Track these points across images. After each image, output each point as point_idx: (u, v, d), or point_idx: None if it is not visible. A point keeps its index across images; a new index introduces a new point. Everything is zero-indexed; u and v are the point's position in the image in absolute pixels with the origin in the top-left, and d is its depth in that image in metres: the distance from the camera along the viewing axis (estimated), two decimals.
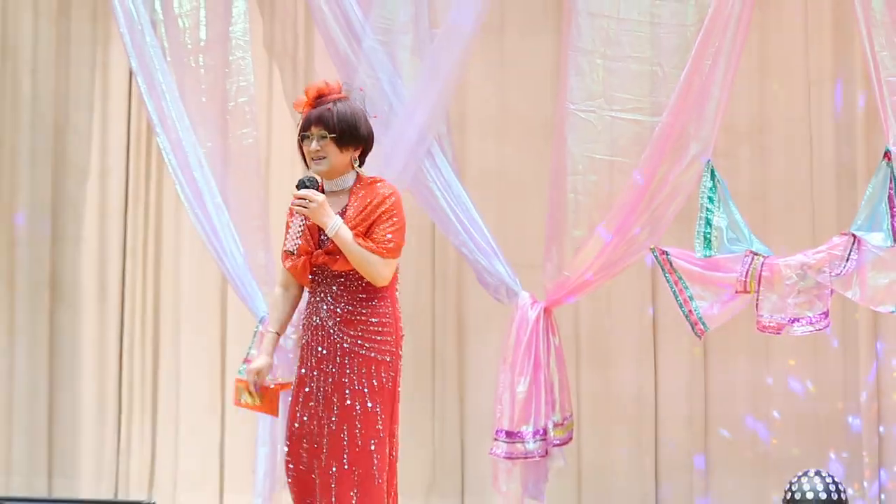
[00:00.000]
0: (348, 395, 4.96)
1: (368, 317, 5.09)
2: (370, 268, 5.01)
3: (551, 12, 8.59)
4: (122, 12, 9.06)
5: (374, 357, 5.05)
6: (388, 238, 5.05)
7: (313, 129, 5.14)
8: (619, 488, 8.46)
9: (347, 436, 4.92)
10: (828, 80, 8.13)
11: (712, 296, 7.39)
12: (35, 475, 10.19)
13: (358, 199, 5.16)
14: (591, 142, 7.70)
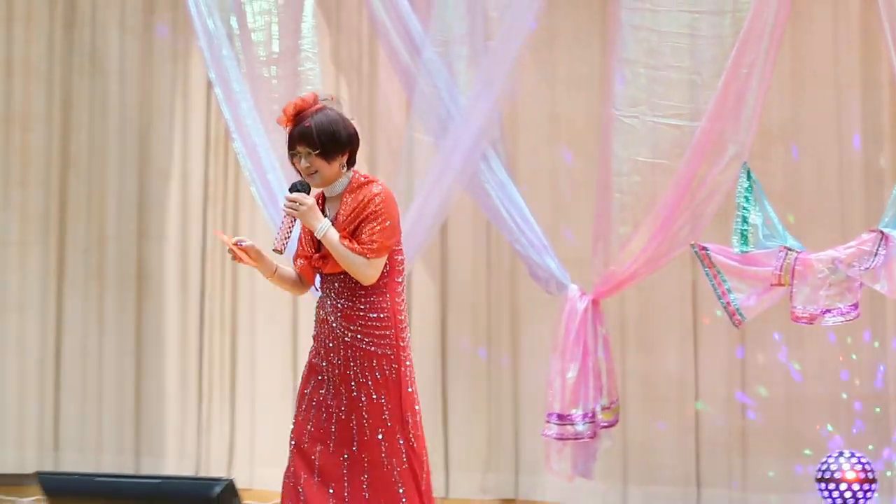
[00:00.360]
0: (354, 387, 4.91)
1: (367, 312, 4.98)
2: (355, 268, 4.90)
3: (597, 25, 8.60)
4: (201, 28, 9.18)
5: (374, 351, 4.94)
6: (372, 239, 4.90)
7: (299, 147, 4.96)
8: (662, 466, 8.47)
9: (356, 425, 4.87)
10: (856, 86, 8.10)
11: (749, 288, 7.41)
12: (123, 453, 10.36)
13: (350, 200, 5.04)
14: (635, 145, 7.72)
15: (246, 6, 9.16)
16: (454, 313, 9.38)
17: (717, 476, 8.36)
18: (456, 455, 9.27)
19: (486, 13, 8.25)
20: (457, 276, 9.38)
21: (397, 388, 4.96)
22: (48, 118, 10.58)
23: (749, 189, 7.43)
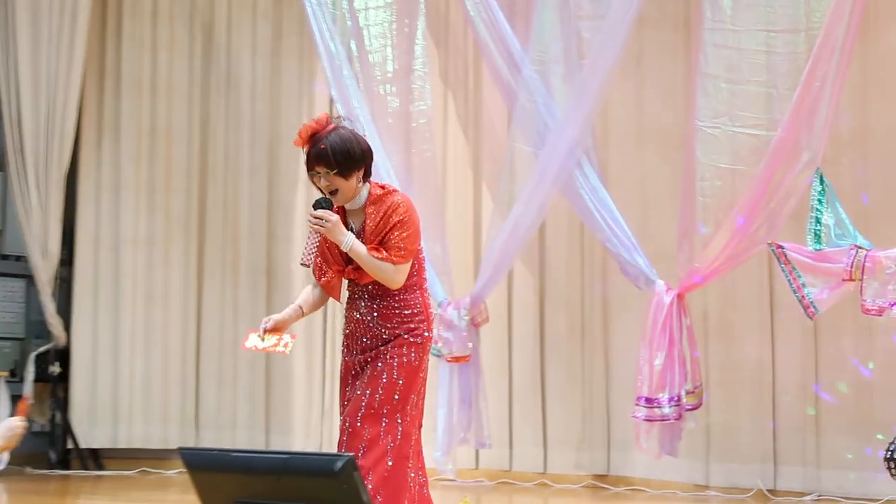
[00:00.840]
0: (380, 366, 4.76)
1: (402, 309, 4.83)
2: (384, 275, 4.73)
3: (681, 43, 8.59)
4: (324, 51, 9.33)
5: (407, 339, 4.80)
6: (400, 246, 4.73)
7: (317, 167, 4.74)
8: (742, 445, 8.42)
9: (367, 399, 4.71)
10: None
11: (822, 283, 7.36)
12: (255, 431, 10.52)
13: (374, 212, 4.82)
14: (716, 153, 7.73)
15: (364, 31, 9.30)
16: (551, 306, 9.41)
17: (792, 454, 8.30)
18: (553, 434, 9.30)
19: (580, 34, 8.30)
20: (553, 272, 9.42)
21: (415, 372, 4.83)
22: (188, 132, 10.77)
23: (822, 192, 7.39)
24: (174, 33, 10.74)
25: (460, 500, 3.81)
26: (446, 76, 9.71)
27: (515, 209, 8.47)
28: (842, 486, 8.03)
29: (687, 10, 8.44)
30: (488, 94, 9.33)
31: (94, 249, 10.51)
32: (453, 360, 8.66)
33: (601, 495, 8.51)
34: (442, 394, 8.68)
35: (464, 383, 8.67)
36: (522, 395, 9.43)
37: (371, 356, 4.80)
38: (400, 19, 9.19)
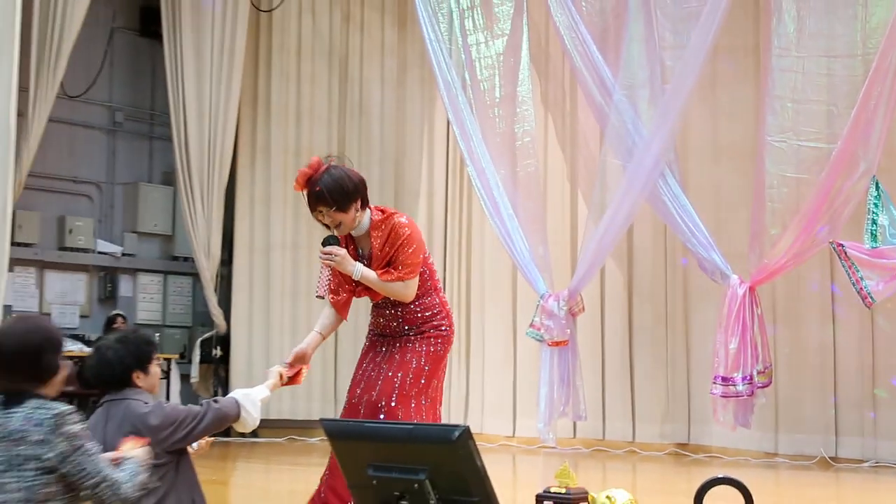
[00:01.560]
0: (409, 354, 4.56)
1: (423, 312, 4.62)
2: (395, 293, 4.53)
3: (751, 69, 8.54)
4: (441, 80, 9.45)
5: (432, 332, 4.62)
6: (406, 263, 4.49)
7: (319, 208, 4.49)
8: (807, 418, 8.35)
9: (399, 382, 4.51)
10: None
11: (878, 276, 7.30)
12: None
13: (378, 235, 4.58)
14: (783, 164, 7.69)
15: (476, 63, 9.40)
16: (638, 298, 9.42)
17: (851, 426, 8.21)
18: (641, 409, 9.31)
19: (663, 62, 8.28)
20: (640, 268, 9.43)
21: (440, 361, 4.66)
22: (327, 152, 10.72)
23: (878, 197, 7.33)
24: (315, 68, 10.94)
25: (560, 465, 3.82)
26: (546, 100, 9.75)
27: (607, 215, 8.51)
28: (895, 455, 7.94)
29: (756, 40, 8.40)
30: (583, 115, 9.34)
31: (249, 252, 10.74)
32: (553, 344, 8.71)
33: (683, 461, 8.49)
34: (544, 373, 8.75)
35: (562, 364, 8.70)
36: (613, 374, 9.45)
37: (400, 341, 4.64)
38: (506, 53, 9.27)
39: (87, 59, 9.89)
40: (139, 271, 11.10)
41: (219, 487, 6.73)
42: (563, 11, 8.75)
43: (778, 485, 6.96)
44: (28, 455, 3.00)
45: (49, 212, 10.48)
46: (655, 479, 7.26)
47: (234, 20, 10.32)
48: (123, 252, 10.98)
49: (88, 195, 10.90)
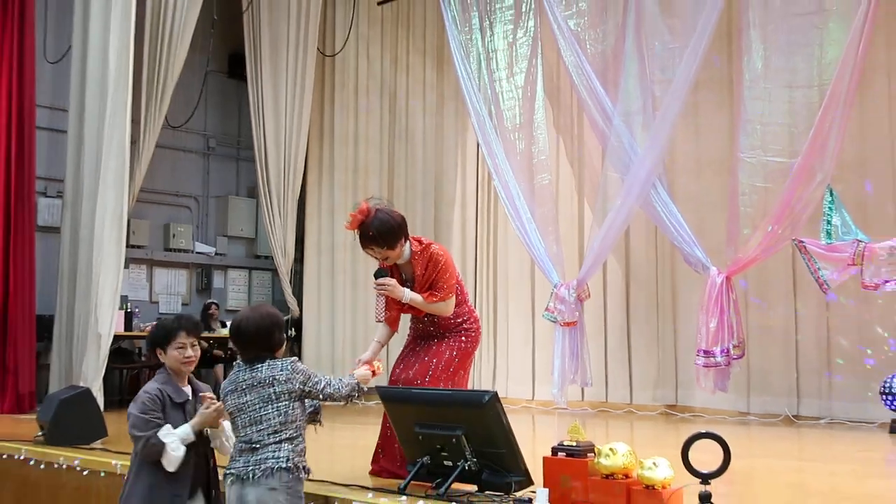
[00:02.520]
0: (444, 347, 4.59)
1: (454, 319, 4.63)
2: (438, 310, 4.56)
3: (726, 97, 8.44)
4: (472, 110, 9.47)
5: (463, 333, 4.64)
6: (444, 287, 4.51)
7: (371, 247, 4.47)
8: (773, 383, 8.29)
9: (433, 367, 4.54)
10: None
11: (832, 267, 7.24)
12: None
13: (419, 263, 4.57)
14: (753, 175, 7.63)
15: (499, 95, 9.41)
16: (634, 286, 9.39)
17: (811, 390, 8.15)
18: (636, 377, 9.28)
19: (654, 93, 8.23)
20: (636, 262, 9.40)
21: (468, 355, 4.68)
22: (379, 169, 11.00)
23: (832, 202, 7.27)
24: (369, 101, 11.01)
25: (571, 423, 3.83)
26: (558, 126, 9.71)
27: (608, 218, 8.46)
28: (847, 413, 7.88)
29: (730, 74, 8.33)
30: (588, 137, 9.32)
31: (317, 251, 10.83)
32: (565, 324, 8.70)
33: (671, 420, 8.45)
34: (557, 349, 8.74)
35: (572, 341, 8.69)
36: (614, 349, 9.43)
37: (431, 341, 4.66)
38: (524, 87, 9.25)
39: (186, 97, 9.99)
40: (229, 268, 11.22)
41: None
42: (571, 52, 8.74)
43: (750, 439, 6.91)
44: (280, 391, 3.54)
45: (156, 220, 10.61)
46: (649, 435, 7.23)
47: (304, 63, 10.38)
48: (216, 252, 11.09)
49: (188, 206, 11.01)
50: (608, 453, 3.56)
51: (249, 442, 3.52)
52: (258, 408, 3.54)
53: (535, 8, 9.15)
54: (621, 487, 3.49)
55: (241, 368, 3.63)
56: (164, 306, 10.58)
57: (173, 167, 10.70)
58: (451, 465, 3.97)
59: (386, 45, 11.06)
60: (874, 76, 7.69)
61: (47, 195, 9.41)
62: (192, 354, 3.72)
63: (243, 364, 3.62)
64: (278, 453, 3.50)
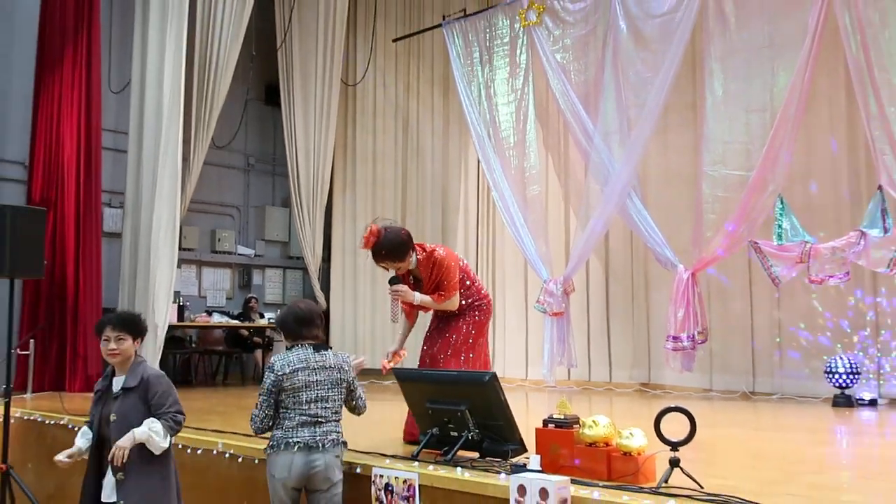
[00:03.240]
0: (461, 323, 4.58)
1: (468, 300, 4.62)
2: (446, 306, 4.54)
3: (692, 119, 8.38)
4: (473, 131, 9.52)
5: (475, 309, 4.62)
6: (448, 286, 4.49)
7: (382, 262, 4.49)
8: (732, 364, 8.29)
9: (454, 342, 4.55)
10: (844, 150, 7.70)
11: (783, 264, 7.25)
12: None
13: (425, 267, 4.54)
14: (715, 187, 7.63)
15: (497, 118, 9.40)
16: (613, 281, 9.37)
17: (764, 370, 8.15)
18: (615, 359, 9.28)
19: (629, 116, 8.23)
20: (614, 261, 9.38)
21: (482, 326, 4.67)
22: (394, 182, 11.01)
23: (782, 209, 7.28)
24: (385, 124, 11.03)
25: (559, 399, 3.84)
26: (547, 144, 9.69)
27: (590, 223, 8.48)
28: (796, 390, 7.88)
29: (694, 99, 8.30)
30: (573, 154, 9.32)
31: (342, 252, 10.84)
32: (553, 314, 8.71)
33: (645, 396, 8.44)
34: (546, 335, 8.77)
35: (559, 328, 8.71)
36: (596, 335, 9.42)
37: (449, 319, 4.63)
38: (518, 111, 9.25)
39: (229, 121, 10.01)
40: (266, 267, 11.23)
41: None
42: (558, 81, 8.76)
43: (713, 412, 6.91)
44: (342, 378, 3.72)
45: (204, 226, 10.62)
46: (626, 409, 7.23)
47: (330, 92, 10.40)
48: (255, 254, 11.11)
49: (231, 215, 11.03)
50: (591, 425, 3.56)
51: (315, 416, 3.63)
52: (327, 388, 3.66)
53: (527, 44, 9.15)
54: (602, 454, 3.50)
55: (304, 350, 3.68)
56: (210, 300, 10.59)
57: (218, 181, 10.71)
58: (456, 435, 3.98)
59: (399, 76, 11.07)
60: (817, 100, 7.68)
61: (111, 206, 9.44)
62: (115, 347, 3.53)
63: (307, 346, 3.69)
64: (338, 429, 3.71)
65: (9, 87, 8.84)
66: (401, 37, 10.85)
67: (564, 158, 9.60)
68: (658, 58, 7.88)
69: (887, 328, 7.50)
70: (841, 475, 3.97)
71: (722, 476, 3.59)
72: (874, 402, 7.19)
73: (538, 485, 3.09)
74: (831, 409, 7.01)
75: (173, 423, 3.56)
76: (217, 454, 4.65)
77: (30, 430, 6.20)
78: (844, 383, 7.16)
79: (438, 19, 10.25)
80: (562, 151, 9.63)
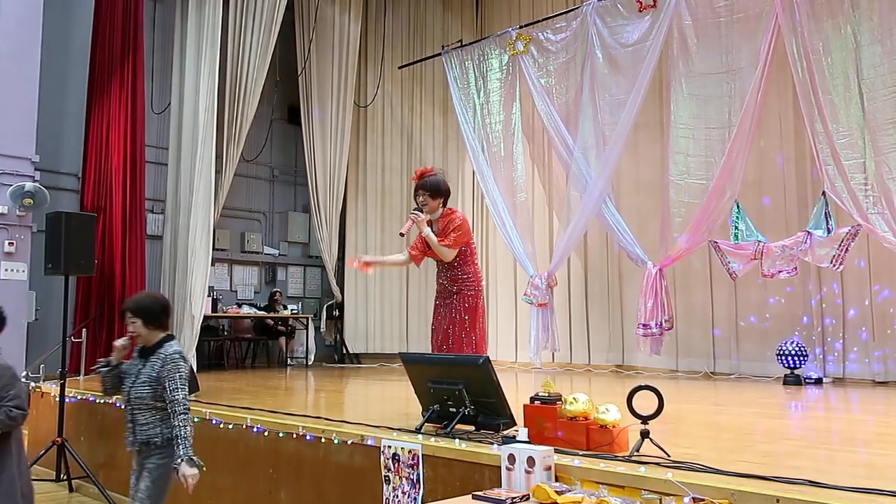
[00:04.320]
0: (455, 313, 4.55)
1: (463, 276, 4.58)
2: (440, 253, 4.51)
3: (659, 135, 8.38)
4: (469, 146, 9.47)
5: (467, 293, 4.56)
6: (453, 238, 4.50)
7: (420, 192, 4.58)
8: (695, 348, 8.30)
9: (453, 331, 4.54)
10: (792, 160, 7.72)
11: (739, 261, 7.22)
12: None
13: (444, 219, 4.61)
14: (681, 194, 7.58)
15: (489, 135, 9.36)
16: (591, 276, 9.36)
17: (723, 353, 8.13)
18: (593, 344, 9.26)
19: (604, 133, 8.20)
20: (592, 258, 9.37)
21: (475, 309, 4.58)
22: (401, 192, 10.92)
23: (738, 212, 7.25)
24: (392, 139, 11.01)
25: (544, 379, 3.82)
26: (533, 157, 9.65)
27: (570, 226, 8.44)
28: (751, 370, 7.87)
29: (661, 117, 8.29)
30: (555, 166, 9.26)
31: (355, 252, 10.74)
32: (539, 305, 8.68)
33: (620, 376, 8.42)
34: (532, 323, 8.72)
35: (544, 317, 8.67)
36: (576, 323, 9.41)
37: (448, 302, 4.61)
38: (506, 128, 9.21)
39: (257, 137, 9.99)
40: (289, 265, 11.18)
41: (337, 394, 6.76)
42: (543, 102, 8.74)
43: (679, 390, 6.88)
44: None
45: (235, 230, 10.59)
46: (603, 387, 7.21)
47: (344, 112, 10.38)
48: (279, 254, 11.06)
49: (258, 220, 10.99)
50: (572, 401, 3.54)
51: None
52: None
53: (516, 70, 9.12)
54: (582, 427, 3.48)
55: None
56: (241, 294, 10.56)
57: (247, 190, 10.68)
58: (454, 411, 3.95)
59: (405, 99, 11.04)
60: (769, 117, 7.68)
61: (153, 212, 9.41)
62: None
63: None
64: None
65: (65, 108, 8.83)
66: (406, 64, 10.82)
67: (548, 169, 9.58)
68: (629, 81, 7.86)
69: (830, 316, 7.49)
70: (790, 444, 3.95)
71: (686, 446, 3.57)
72: (819, 380, 7.18)
73: (526, 454, 3.08)
74: (782, 387, 6.99)
75: (6, 416, 3.35)
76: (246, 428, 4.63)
77: (82, 408, 6.17)
78: (794, 364, 7.14)
79: (439, 49, 10.23)
80: (546, 163, 9.60)
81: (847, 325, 7.38)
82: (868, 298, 7.26)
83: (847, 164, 6.43)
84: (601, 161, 8.12)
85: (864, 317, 7.27)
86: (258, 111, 8.91)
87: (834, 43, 6.59)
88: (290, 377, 8.39)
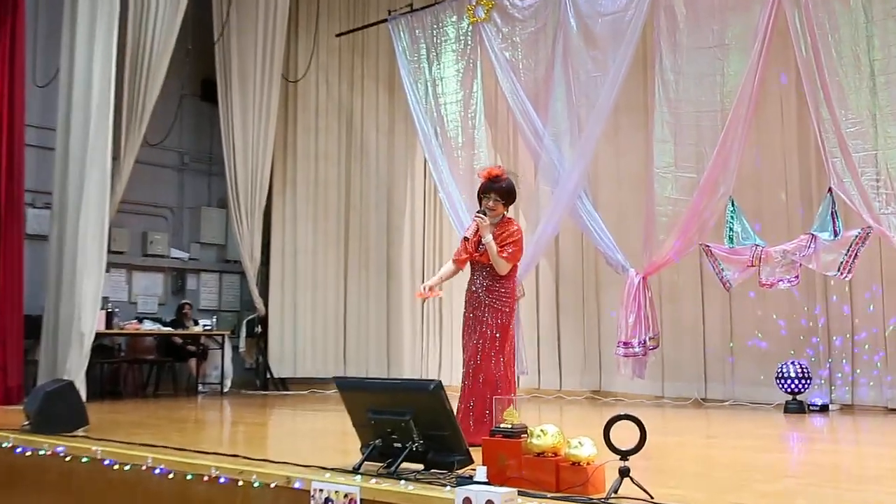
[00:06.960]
0: (485, 328, 4.91)
1: (499, 288, 4.97)
2: (497, 265, 4.92)
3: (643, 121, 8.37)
4: (420, 130, 9.48)
5: (500, 308, 4.95)
6: (509, 252, 4.92)
7: (492, 194, 4.98)
8: (684, 371, 8.41)
9: (481, 347, 4.89)
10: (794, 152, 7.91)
11: (734, 268, 7.36)
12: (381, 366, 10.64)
13: (501, 228, 5.01)
14: (667, 189, 7.70)
15: (444, 118, 9.37)
16: (563, 285, 9.44)
17: (716, 376, 8.27)
18: (565, 366, 9.33)
19: (579, 116, 8.27)
20: (564, 264, 9.45)
21: (506, 328, 4.96)
22: (337, 183, 10.96)
23: (733, 211, 7.40)
24: (328, 122, 10.98)
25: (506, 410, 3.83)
26: (496, 144, 9.69)
27: (540, 226, 8.49)
28: (748, 396, 8.02)
29: (645, 99, 8.37)
30: (522, 154, 9.29)
31: (281, 256, 10.74)
32: None
33: (596, 404, 8.50)
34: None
35: None
36: (546, 341, 9.46)
37: (478, 314, 4.94)
38: (465, 110, 9.23)
39: (163, 117, 9.83)
40: (201, 271, 11.04)
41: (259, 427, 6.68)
42: (507, 80, 8.79)
43: (664, 419, 6.98)
44: None
45: (135, 228, 10.41)
46: (576, 417, 7.27)
47: (270, 88, 10.29)
48: (190, 257, 10.91)
49: (164, 216, 10.82)
50: (539, 434, 3.56)
51: None
52: None
53: (476, 40, 9.15)
54: (551, 464, 3.49)
55: None
56: (141, 306, 10.37)
57: (151, 181, 10.48)
58: (400, 446, 3.93)
59: (343, 72, 11.00)
60: (768, 102, 7.82)
61: (35, 206, 9.16)
62: None
63: None
64: None
65: None
66: (344, 32, 10.77)
67: (514, 159, 9.58)
68: (608, 56, 7.94)
69: (838, 333, 7.66)
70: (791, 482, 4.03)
71: (672, 485, 3.61)
72: (825, 407, 7.33)
73: (484, 497, 3.08)
74: (783, 415, 7.12)
75: None
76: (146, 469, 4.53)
77: None
78: (796, 389, 7.29)
79: (384, 14, 10.20)
80: (511, 152, 9.64)
81: (856, 344, 7.54)
82: (881, 312, 7.41)
83: (857, 156, 6.59)
84: (575, 150, 8.18)
85: (877, 334, 7.43)
86: (165, 85, 8.77)
87: (842, 17, 6.74)
88: (201, 407, 8.29)
